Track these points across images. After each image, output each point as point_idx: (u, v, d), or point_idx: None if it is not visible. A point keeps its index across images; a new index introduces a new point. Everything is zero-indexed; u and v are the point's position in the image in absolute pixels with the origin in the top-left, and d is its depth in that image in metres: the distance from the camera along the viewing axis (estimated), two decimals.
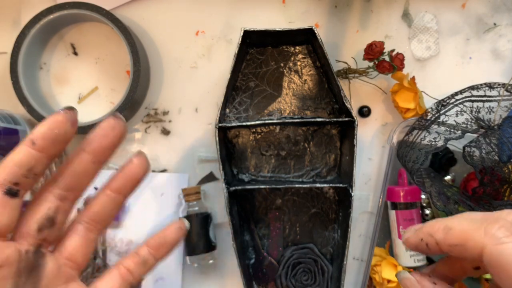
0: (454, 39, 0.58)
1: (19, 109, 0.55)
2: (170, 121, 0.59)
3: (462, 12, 0.58)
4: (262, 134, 0.57)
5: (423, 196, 0.56)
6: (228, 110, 0.56)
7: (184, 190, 0.56)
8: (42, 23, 0.54)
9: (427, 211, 0.56)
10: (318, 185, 0.52)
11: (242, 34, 0.50)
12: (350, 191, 0.50)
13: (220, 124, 0.51)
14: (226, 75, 0.55)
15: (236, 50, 0.50)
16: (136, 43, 0.54)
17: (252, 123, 0.53)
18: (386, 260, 0.54)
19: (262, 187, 0.52)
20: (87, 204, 0.28)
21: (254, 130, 0.57)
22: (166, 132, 0.59)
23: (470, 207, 0.48)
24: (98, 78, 0.59)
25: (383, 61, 0.52)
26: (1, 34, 0.59)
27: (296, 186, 0.52)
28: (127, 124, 0.59)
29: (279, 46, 0.56)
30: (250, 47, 0.55)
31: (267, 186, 0.52)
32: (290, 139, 0.56)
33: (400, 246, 0.54)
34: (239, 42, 0.50)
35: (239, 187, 0.52)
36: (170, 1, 0.59)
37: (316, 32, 0.49)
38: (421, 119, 0.53)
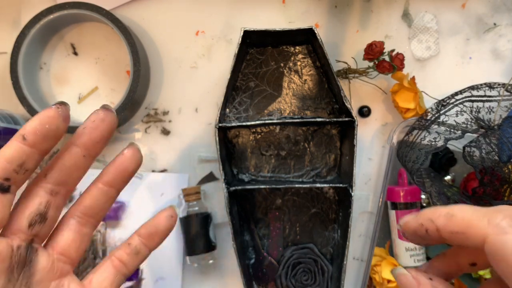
0: (454, 39, 0.58)
1: (19, 109, 0.56)
2: (170, 121, 0.59)
3: (462, 12, 0.58)
4: (262, 134, 0.57)
5: (423, 196, 0.56)
6: (228, 110, 0.56)
7: (184, 190, 0.56)
8: (42, 23, 0.54)
9: None
10: (318, 185, 0.52)
11: (242, 34, 0.50)
12: (350, 191, 0.50)
13: (220, 124, 0.51)
14: (226, 75, 0.55)
15: (236, 50, 0.50)
16: (136, 43, 0.54)
17: (252, 123, 0.53)
18: (386, 260, 0.54)
19: (262, 187, 0.52)
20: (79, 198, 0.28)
21: (254, 130, 0.56)
22: (166, 132, 0.59)
23: None
24: (98, 78, 0.59)
25: (383, 61, 0.52)
26: (1, 34, 0.59)
27: (296, 186, 0.52)
28: (127, 124, 0.59)
29: (279, 46, 0.56)
30: (250, 47, 0.55)
31: (267, 186, 0.52)
32: (290, 139, 0.56)
33: (400, 246, 0.54)
34: (239, 42, 0.50)
35: (239, 187, 0.52)
36: (170, 1, 0.59)
37: (316, 32, 0.49)
38: (421, 119, 0.53)
